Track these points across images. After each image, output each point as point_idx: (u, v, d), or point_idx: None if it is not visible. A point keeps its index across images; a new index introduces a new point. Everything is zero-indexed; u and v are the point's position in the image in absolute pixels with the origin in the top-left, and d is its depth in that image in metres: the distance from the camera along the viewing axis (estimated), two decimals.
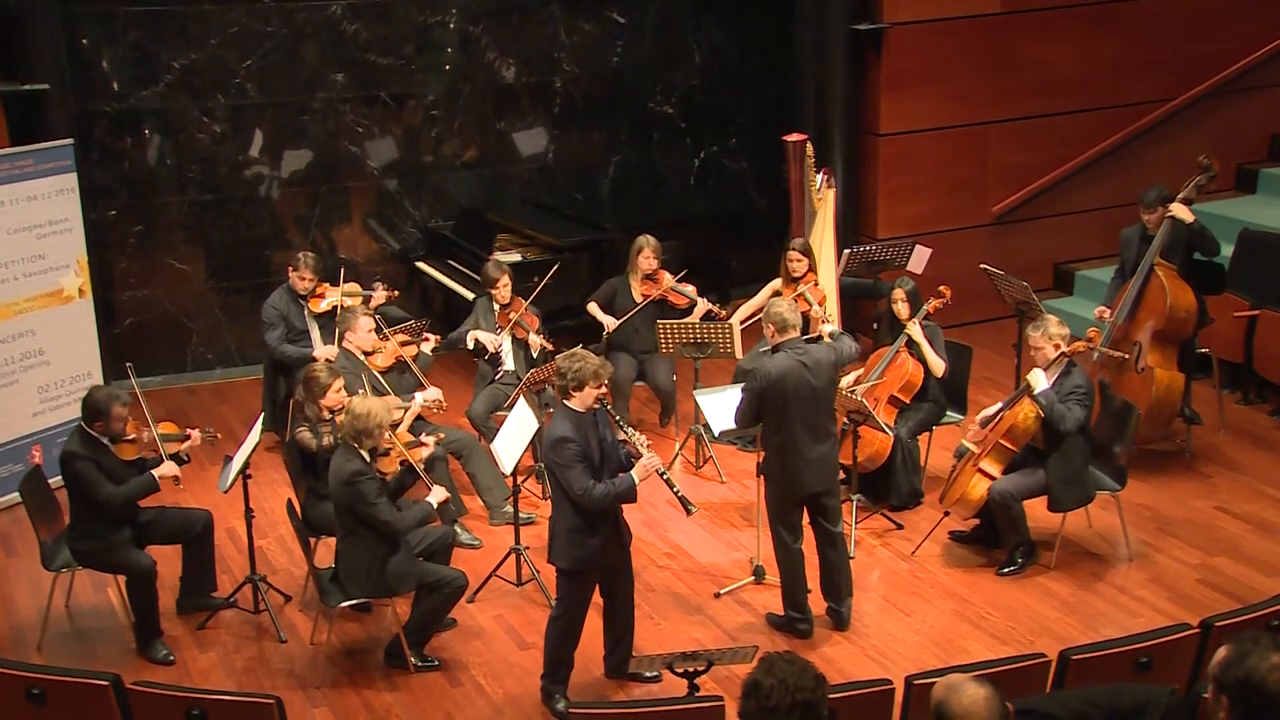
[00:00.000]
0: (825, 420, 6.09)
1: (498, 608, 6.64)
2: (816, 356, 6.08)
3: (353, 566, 5.93)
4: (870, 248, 9.02)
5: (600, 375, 5.45)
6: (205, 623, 6.53)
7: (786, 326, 6.04)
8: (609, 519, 5.60)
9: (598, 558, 5.59)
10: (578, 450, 5.41)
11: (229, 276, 9.77)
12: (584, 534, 5.53)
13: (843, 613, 6.31)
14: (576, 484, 5.41)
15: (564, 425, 5.48)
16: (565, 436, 5.43)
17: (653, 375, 8.35)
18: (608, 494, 5.46)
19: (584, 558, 5.57)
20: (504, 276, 7.92)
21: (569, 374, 5.46)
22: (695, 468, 8.11)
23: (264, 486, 7.67)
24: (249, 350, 9.73)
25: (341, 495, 5.84)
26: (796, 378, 5.95)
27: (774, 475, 6.09)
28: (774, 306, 6.10)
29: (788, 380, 5.93)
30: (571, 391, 5.48)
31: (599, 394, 5.50)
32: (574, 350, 5.62)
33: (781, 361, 5.98)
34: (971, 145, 9.98)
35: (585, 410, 5.50)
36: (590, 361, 5.46)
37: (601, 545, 5.57)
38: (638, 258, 8.25)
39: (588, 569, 5.61)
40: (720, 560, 7.05)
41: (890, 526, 7.29)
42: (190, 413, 8.94)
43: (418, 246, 10.17)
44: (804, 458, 6.01)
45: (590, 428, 5.52)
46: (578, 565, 5.59)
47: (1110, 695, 3.94)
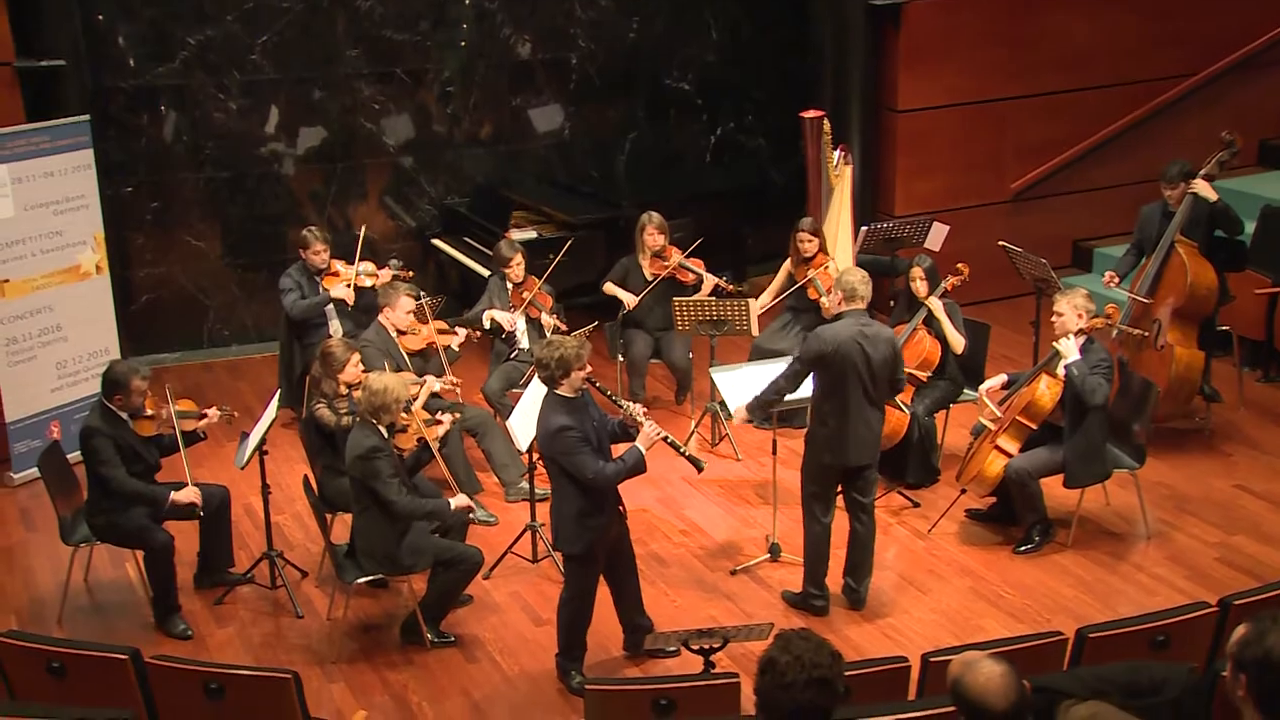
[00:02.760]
0: (879, 394, 6.07)
1: (513, 584, 6.66)
2: (879, 331, 6.05)
3: (368, 542, 5.95)
4: (888, 225, 8.95)
5: (582, 357, 5.41)
6: (222, 598, 6.57)
7: (855, 296, 6.01)
8: (612, 499, 5.60)
9: (605, 536, 5.60)
10: (578, 436, 5.38)
11: (245, 253, 9.79)
12: (591, 515, 5.53)
13: (860, 592, 6.30)
14: (588, 468, 5.39)
15: (559, 414, 5.43)
16: (563, 425, 5.39)
17: (669, 353, 8.33)
18: (620, 470, 5.45)
19: (594, 540, 5.58)
20: (517, 256, 7.91)
21: (550, 363, 5.40)
22: (711, 445, 8.11)
23: (280, 463, 7.69)
24: (265, 326, 9.75)
25: (356, 470, 5.86)
26: (856, 348, 5.93)
27: (819, 443, 6.06)
28: (847, 275, 6.07)
29: (848, 349, 5.91)
30: (558, 379, 5.44)
31: (585, 374, 5.46)
32: (549, 339, 5.58)
33: (844, 328, 5.96)
34: (990, 121, 9.92)
35: (575, 394, 5.47)
36: (568, 346, 5.40)
37: (606, 524, 5.58)
38: (642, 235, 8.23)
39: (596, 551, 5.62)
40: (736, 537, 7.06)
41: (907, 504, 7.28)
42: (206, 389, 8.97)
43: (433, 223, 10.17)
44: (855, 428, 5.99)
45: (582, 410, 5.49)
46: (589, 548, 5.59)
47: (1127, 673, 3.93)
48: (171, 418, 6.39)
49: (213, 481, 6.85)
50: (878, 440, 6.19)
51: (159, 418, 6.38)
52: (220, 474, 7.46)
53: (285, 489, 7.55)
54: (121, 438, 6.19)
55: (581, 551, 5.63)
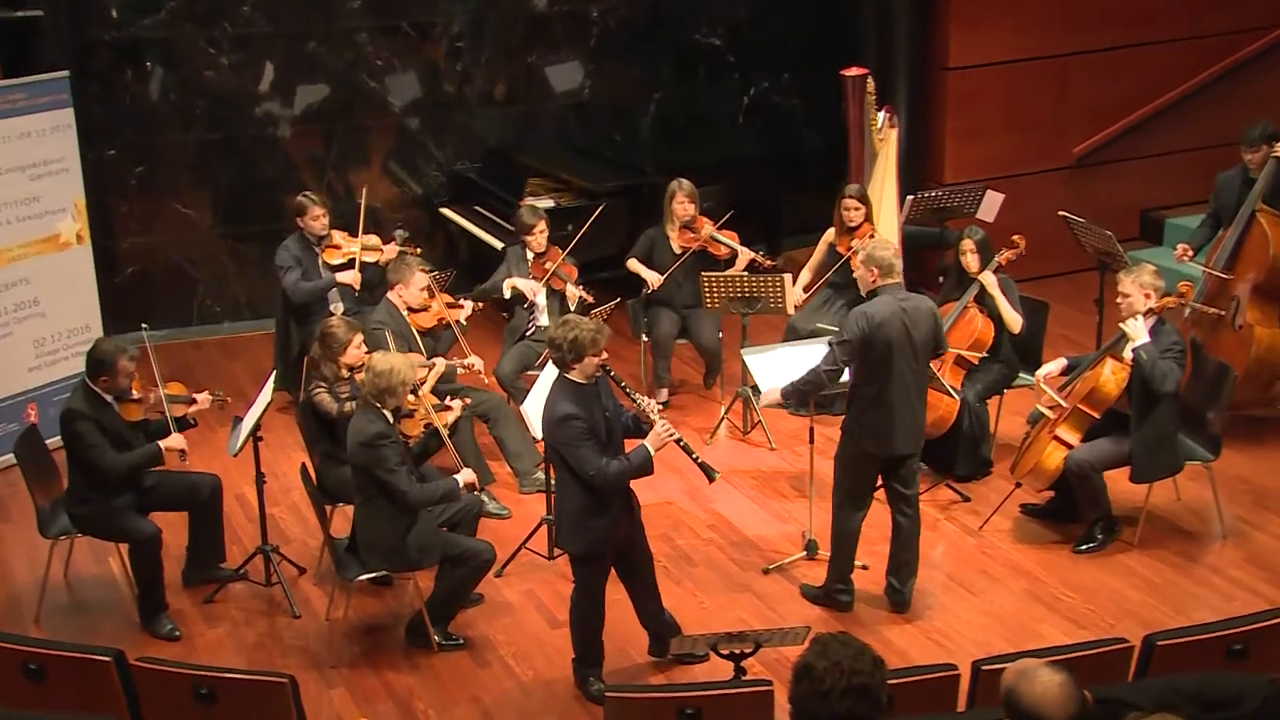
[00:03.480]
0: (922, 376, 6.06)
1: (528, 583, 6.66)
2: (917, 304, 6.04)
3: (372, 536, 5.97)
4: (936, 193, 8.92)
5: (598, 342, 5.39)
6: (213, 596, 6.59)
7: (892, 270, 5.98)
8: (621, 496, 5.60)
9: (609, 538, 5.59)
10: (584, 427, 5.37)
11: (238, 222, 9.81)
12: (594, 515, 5.52)
13: (904, 593, 6.29)
14: (589, 464, 5.38)
15: (565, 401, 5.41)
16: (569, 414, 5.38)
17: (696, 332, 8.32)
18: (623, 470, 5.44)
19: (596, 540, 5.57)
20: (540, 223, 7.90)
21: (564, 344, 5.38)
22: (742, 433, 8.09)
23: (276, 450, 7.71)
24: (259, 303, 9.78)
25: (360, 458, 5.87)
26: (898, 326, 5.91)
27: (861, 431, 6.04)
28: (877, 248, 6.04)
29: (890, 327, 5.89)
30: (570, 363, 5.44)
31: (600, 361, 5.45)
32: (565, 318, 5.57)
33: (883, 306, 5.93)
34: (1050, 79, 9.84)
35: (587, 381, 5.46)
36: (585, 328, 5.38)
37: (612, 524, 5.57)
38: (672, 204, 8.20)
39: (601, 552, 5.62)
40: (769, 533, 7.05)
41: (956, 499, 7.25)
42: (196, 370, 9.01)
43: (441, 191, 10.16)
44: (900, 414, 5.98)
45: (593, 400, 5.47)
46: (589, 549, 5.60)
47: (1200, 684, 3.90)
48: (161, 401, 6.41)
49: (203, 470, 6.88)
50: (923, 426, 6.17)
51: (146, 402, 6.40)
52: (211, 462, 7.47)
53: (281, 478, 7.56)
54: (106, 422, 6.21)
55: (581, 552, 5.64)
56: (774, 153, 10.33)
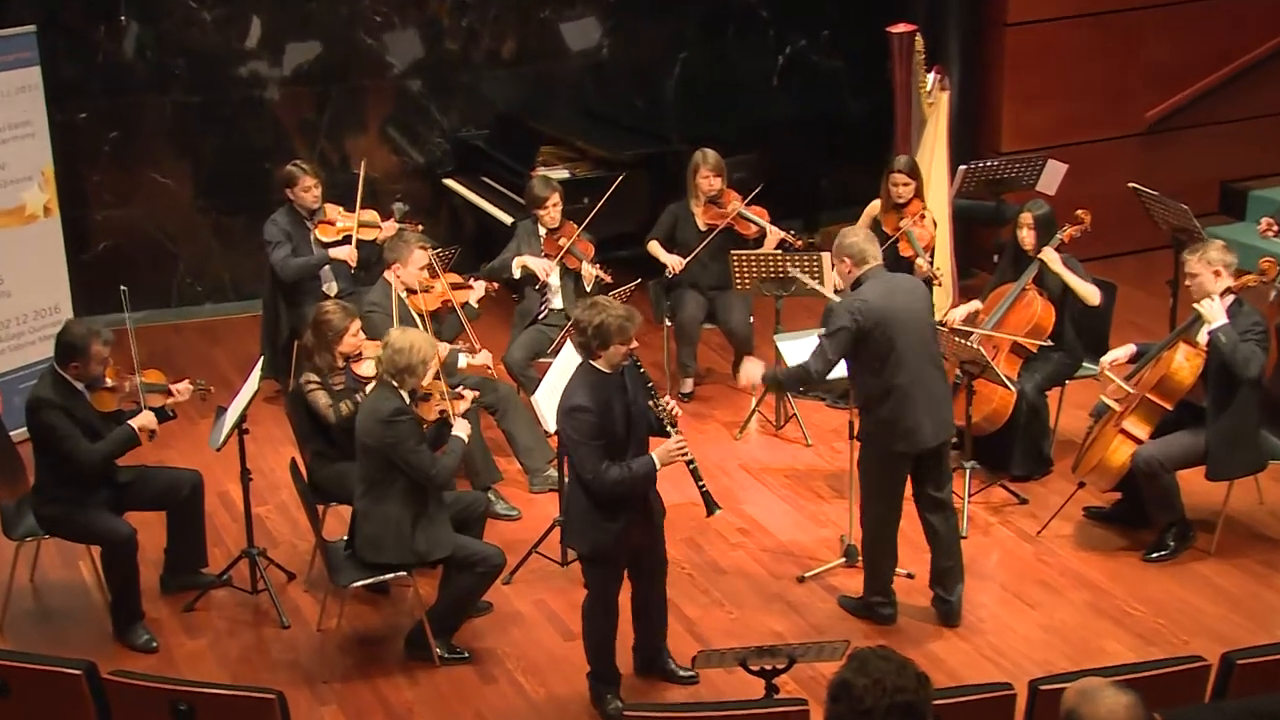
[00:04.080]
0: (938, 355, 6.07)
1: (539, 591, 6.67)
2: (904, 283, 6.10)
3: (377, 528, 5.97)
4: (992, 163, 8.89)
5: (626, 330, 5.41)
6: (194, 603, 6.61)
7: (867, 256, 5.99)
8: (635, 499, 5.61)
9: (620, 542, 5.61)
10: (593, 422, 5.41)
11: (222, 194, 9.82)
12: (604, 515, 5.55)
13: (952, 602, 6.28)
14: (586, 465, 5.42)
15: (581, 390, 5.45)
16: (579, 405, 5.42)
17: (725, 316, 8.30)
18: (622, 479, 5.46)
19: (603, 542, 5.59)
20: (554, 195, 7.90)
21: (589, 329, 5.41)
22: (775, 428, 8.08)
23: (263, 444, 7.73)
24: (245, 282, 9.80)
25: (374, 436, 5.88)
26: (901, 306, 5.90)
27: (883, 429, 6.02)
28: (845, 237, 6.04)
29: (892, 309, 5.89)
30: (595, 350, 5.45)
31: (628, 351, 5.46)
32: (595, 299, 5.58)
33: (874, 290, 5.93)
34: (1119, 37, 9.78)
35: (612, 370, 5.48)
36: (613, 313, 5.40)
37: (624, 529, 5.59)
38: (695, 177, 8.18)
39: (610, 555, 5.64)
40: (804, 538, 7.04)
41: (1011, 501, 7.23)
42: (175, 356, 9.03)
43: (445, 160, 10.16)
44: (926, 404, 5.96)
45: (616, 391, 5.50)
46: (595, 550, 5.63)
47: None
48: (137, 391, 6.42)
49: (183, 465, 6.91)
50: (950, 409, 6.16)
51: (121, 390, 6.42)
52: (192, 457, 7.51)
53: (268, 475, 7.58)
54: (76, 412, 6.23)
55: (587, 553, 5.67)
56: (811, 118, 10.29)
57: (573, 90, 10.38)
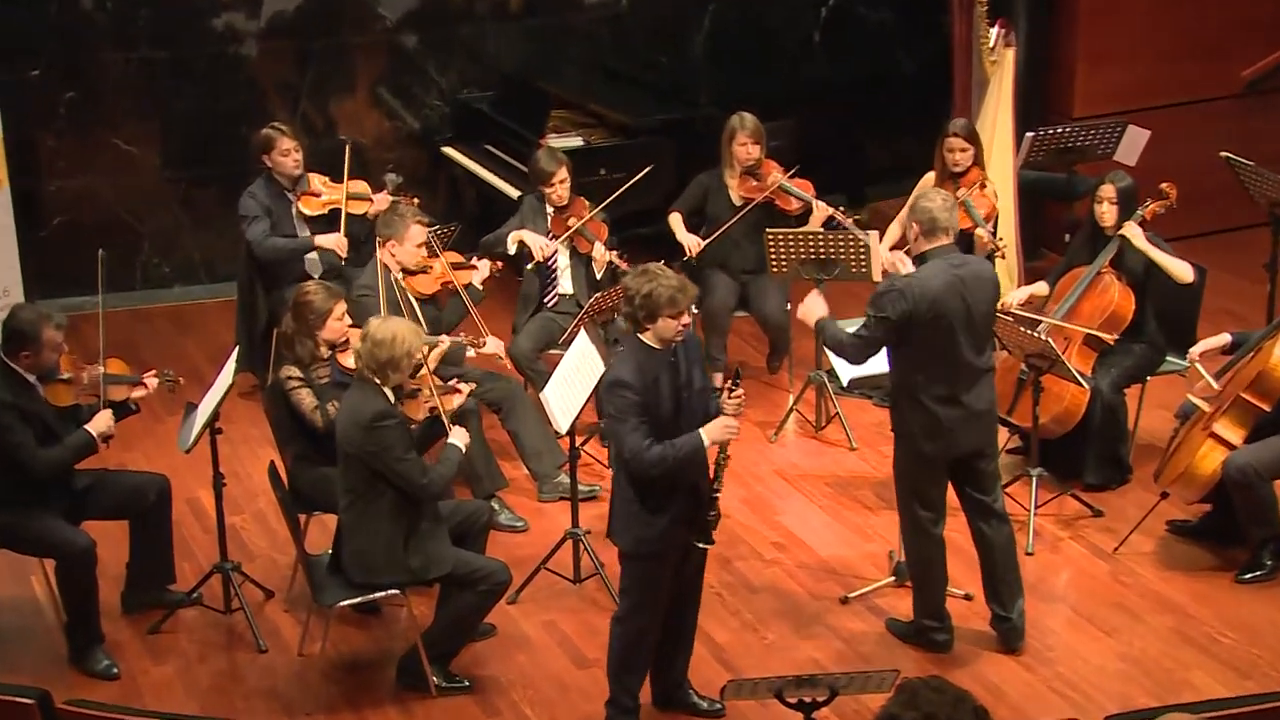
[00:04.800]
0: (987, 355, 6.08)
1: (549, 612, 6.68)
2: (976, 270, 6.06)
3: (364, 544, 5.98)
4: (1063, 130, 8.86)
5: (678, 301, 5.45)
6: (160, 625, 6.63)
7: (937, 228, 5.98)
8: (684, 490, 5.62)
9: (668, 540, 5.62)
10: (635, 401, 5.46)
11: (192, 162, 9.84)
12: (649, 507, 5.58)
13: (1013, 621, 6.29)
14: (627, 443, 5.48)
15: (626, 365, 5.54)
16: (622, 380, 5.49)
17: (759, 303, 8.31)
18: (664, 458, 5.48)
19: (647, 539, 5.61)
20: (561, 170, 7.90)
21: (636, 298, 5.47)
22: (815, 429, 8.08)
23: (238, 445, 7.75)
24: (218, 262, 9.82)
25: (355, 442, 5.88)
26: (955, 299, 5.91)
27: (916, 431, 6.04)
28: (923, 199, 6.05)
29: (944, 302, 5.89)
30: (642, 321, 5.50)
31: (681, 326, 5.48)
32: (647, 266, 5.60)
33: (933, 275, 5.94)
34: None
35: (662, 346, 5.51)
36: (665, 282, 5.45)
37: (671, 525, 5.61)
38: (732, 145, 8.17)
39: (655, 553, 5.64)
40: (848, 553, 7.04)
41: (1084, 513, 7.22)
42: (140, 346, 9.04)
43: (444, 126, 10.18)
44: (963, 406, 5.98)
45: (665, 369, 5.54)
46: (637, 547, 5.65)
47: None
48: (98, 383, 6.43)
49: (148, 469, 6.92)
50: (994, 417, 6.16)
51: (79, 382, 6.42)
52: (158, 459, 7.52)
53: (244, 480, 7.60)
54: (28, 408, 6.24)
55: (628, 549, 5.68)
56: (859, 79, 10.28)
57: (588, 47, 10.38)
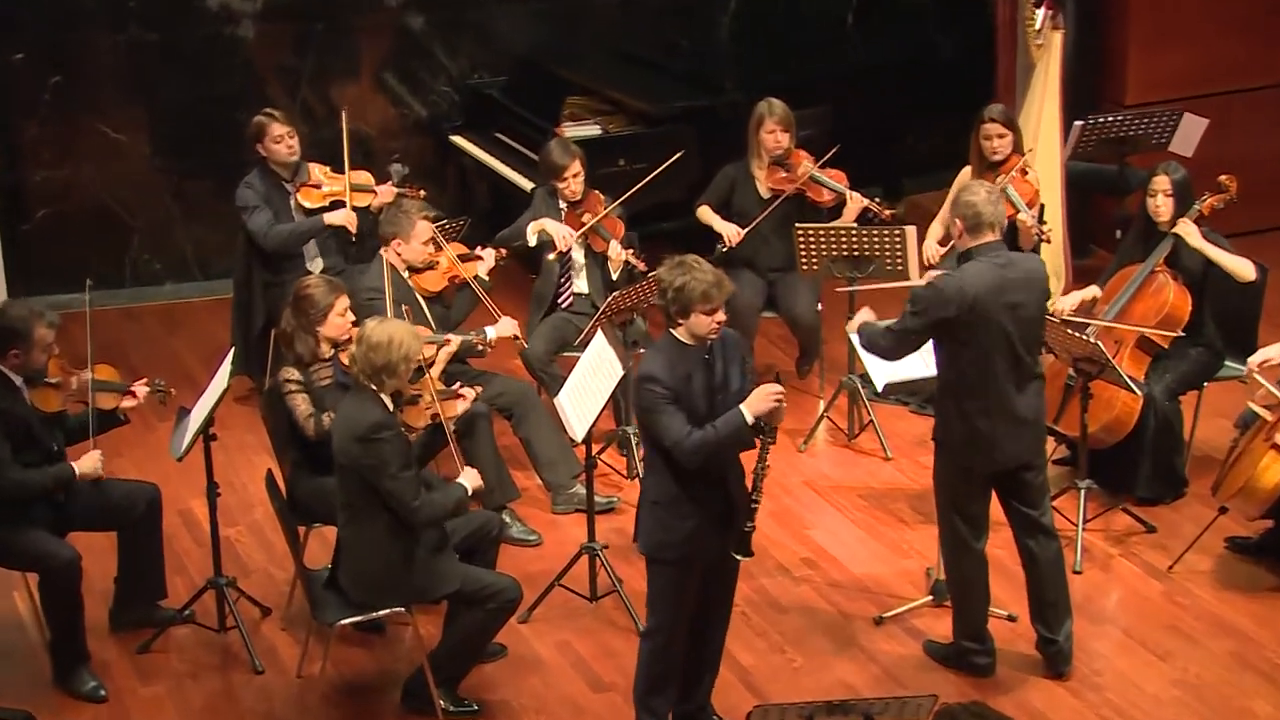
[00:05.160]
0: (1034, 362, 6.06)
1: (563, 632, 6.69)
2: (1026, 268, 6.04)
3: (362, 564, 5.99)
4: (1115, 118, 8.84)
5: (712, 296, 5.47)
6: (150, 644, 6.64)
7: (982, 223, 5.98)
8: (715, 492, 5.63)
9: (693, 545, 5.62)
10: (666, 393, 5.49)
11: (185, 152, 9.86)
12: (674, 510, 5.59)
13: (1060, 643, 6.27)
14: (669, 432, 5.50)
15: (657, 360, 5.57)
16: (652, 375, 5.52)
17: (787, 303, 8.30)
18: (705, 442, 5.50)
19: (669, 543, 5.62)
20: (574, 163, 7.89)
21: (669, 291, 5.51)
22: (848, 438, 8.08)
23: (234, 453, 7.76)
24: (212, 258, 9.84)
25: (351, 456, 5.88)
26: (999, 299, 5.90)
27: (957, 439, 6.05)
28: (965, 193, 6.04)
29: (987, 303, 5.88)
30: (675, 315, 5.53)
31: (715, 324, 5.50)
32: (683, 258, 5.61)
33: (976, 274, 5.93)
34: None
35: (696, 342, 5.53)
36: (699, 275, 5.48)
37: (697, 530, 5.61)
38: (759, 134, 8.17)
39: (679, 559, 5.64)
40: (883, 571, 7.04)
41: (1137, 529, 7.21)
42: (129, 348, 9.06)
43: (453, 113, 10.19)
44: (1009, 414, 5.97)
45: (698, 367, 5.56)
46: (659, 551, 5.66)
47: None
48: (86, 388, 6.43)
49: (138, 477, 6.92)
50: (1041, 428, 6.14)
51: (67, 388, 6.43)
52: (148, 467, 7.53)
53: (240, 490, 7.62)
54: (11, 410, 6.24)
55: (648, 552, 5.69)
56: (895, 64, 10.26)
57: (606, 29, 10.38)
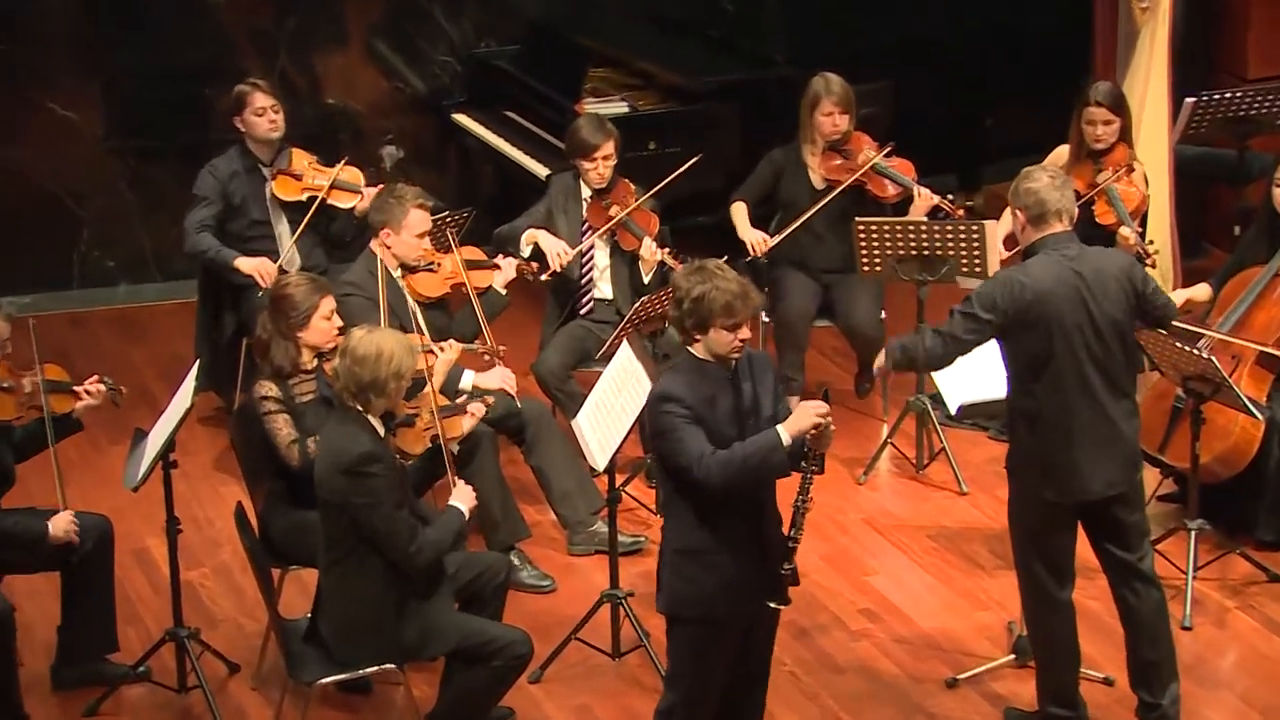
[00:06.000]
0: (1120, 374, 6.02)
1: (580, 693, 6.69)
2: (1100, 264, 5.99)
3: (348, 612, 5.98)
4: (1234, 95, 8.81)
5: (735, 310, 5.39)
6: (99, 705, 6.62)
7: (1046, 212, 5.95)
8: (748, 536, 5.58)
9: (724, 600, 5.56)
10: (687, 413, 5.43)
11: (143, 131, 9.91)
12: (701, 559, 5.52)
13: (1165, 710, 6.23)
14: (688, 450, 5.40)
15: (676, 379, 5.49)
16: (671, 394, 5.44)
17: (845, 310, 8.31)
18: (730, 459, 5.41)
19: (695, 598, 5.55)
20: (607, 143, 7.86)
21: (685, 301, 5.42)
22: (916, 468, 8.08)
23: (197, 482, 7.79)
24: (173, 256, 9.84)
25: (337, 491, 5.87)
26: (1070, 299, 5.86)
27: (1031, 466, 6.03)
28: (1025, 180, 6.00)
29: (1055, 302, 5.86)
30: (691, 330, 5.48)
31: (738, 341, 5.44)
32: (703, 263, 5.55)
33: (1042, 271, 5.92)
34: None
35: (717, 360, 5.51)
36: (721, 284, 5.38)
37: (729, 582, 5.54)
38: (814, 115, 8.18)
39: (706, 617, 5.58)
40: (956, 625, 7.04)
41: (1257, 576, 7.19)
42: (76, 358, 9.01)
43: (456, 88, 10.24)
44: (1089, 436, 5.94)
45: (722, 388, 5.51)
46: (682, 608, 5.59)
47: None
48: (39, 392, 6.46)
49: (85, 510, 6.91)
50: (1134, 450, 6.11)
51: (20, 391, 6.46)
52: (98, 498, 7.51)
53: (204, 527, 7.63)
54: None
55: (666, 609, 5.64)
56: (973, 32, 10.25)
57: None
